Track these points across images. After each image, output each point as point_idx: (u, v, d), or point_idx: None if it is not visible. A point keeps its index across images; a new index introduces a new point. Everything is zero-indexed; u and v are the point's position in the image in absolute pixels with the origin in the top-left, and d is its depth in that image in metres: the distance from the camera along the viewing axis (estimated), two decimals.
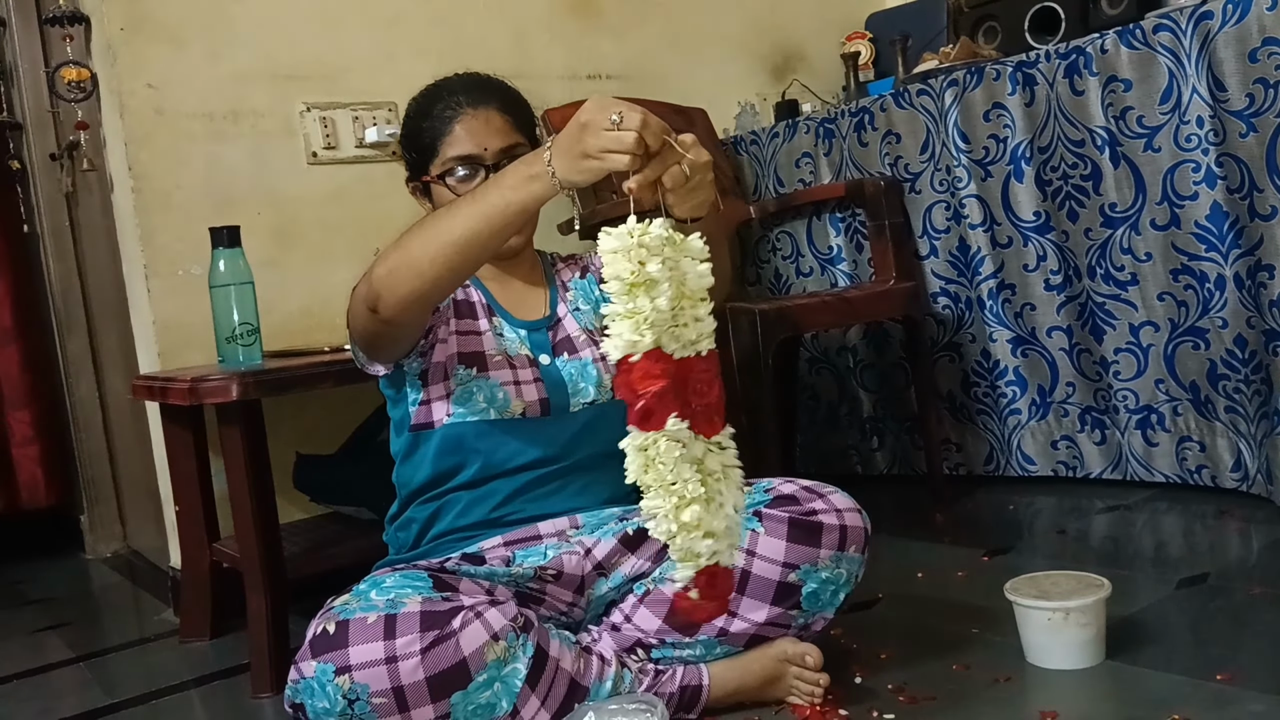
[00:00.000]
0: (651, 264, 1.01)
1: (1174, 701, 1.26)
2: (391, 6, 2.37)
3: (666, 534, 1.04)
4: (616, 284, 1.02)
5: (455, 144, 1.40)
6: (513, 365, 1.41)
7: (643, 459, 1.03)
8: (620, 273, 1.01)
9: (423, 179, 1.45)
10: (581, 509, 1.41)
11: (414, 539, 1.44)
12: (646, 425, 1.03)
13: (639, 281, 1.01)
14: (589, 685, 1.28)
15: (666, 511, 1.03)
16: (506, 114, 1.43)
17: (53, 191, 2.69)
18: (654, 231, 1.01)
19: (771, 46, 3.02)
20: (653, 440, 1.03)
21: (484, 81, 1.46)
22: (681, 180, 1.08)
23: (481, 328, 1.43)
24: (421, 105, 1.45)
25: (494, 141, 1.40)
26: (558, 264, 1.56)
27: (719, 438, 1.07)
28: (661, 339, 1.02)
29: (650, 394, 1.02)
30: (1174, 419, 2.13)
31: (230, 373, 1.69)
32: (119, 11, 2.06)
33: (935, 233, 2.40)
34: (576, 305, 1.51)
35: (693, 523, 1.03)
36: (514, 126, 1.43)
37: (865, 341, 2.59)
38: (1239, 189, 1.92)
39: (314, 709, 1.19)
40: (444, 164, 1.41)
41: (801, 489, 1.41)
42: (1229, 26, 1.87)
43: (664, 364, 1.02)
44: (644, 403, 1.02)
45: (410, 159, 1.48)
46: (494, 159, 1.39)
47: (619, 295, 1.02)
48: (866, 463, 2.65)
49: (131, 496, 2.69)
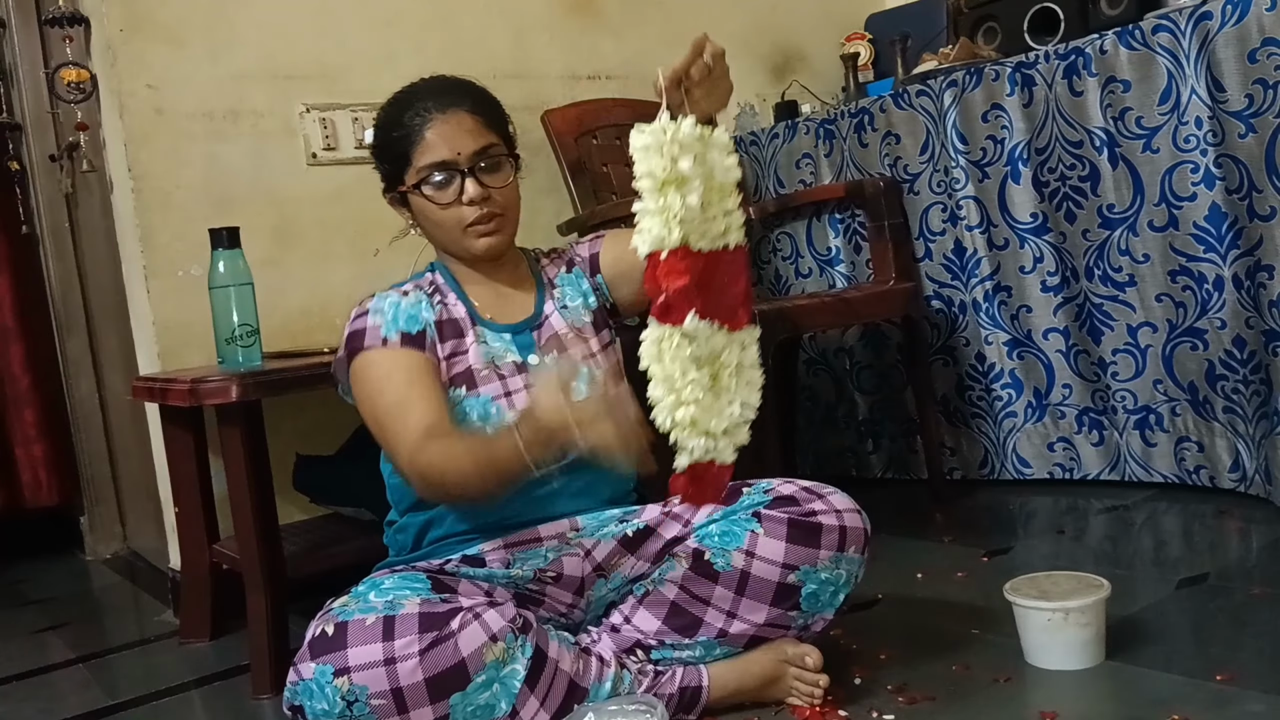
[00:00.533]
0: (683, 160, 1.03)
1: (1174, 701, 1.26)
2: (391, 6, 2.37)
3: (663, 426, 1.07)
4: (648, 180, 1.04)
5: (428, 151, 1.37)
6: (501, 376, 1.39)
7: (656, 350, 1.07)
8: (653, 169, 1.03)
9: (399, 190, 1.42)
10: (582, 511, 1.41)
11: (413, 542, 1.44)
12: (666, 319, 1.06)
13: (671, 178, 1.03)
14: (588, 686, 1.28)
15: (666, 406, 1.07)
16: (477, 115, 1.40)
17: (52, 192, 2.69)
18: (685, 128, 1.03)
19: (771, 47, 3.02)
20: (668, 334, 1.06)
21: (451, 84, 1.43)
22: (705, 73, 1.11)
23: (467, 343, 1.40)
24: (390, 115, 1.42)
25: (467, 144, 1.37)
26: (542, 260, 1.54)
27: (743, 334, 1.09)
28: (689, 237, 1.04)
29: (673, 289, 1.05)
30: (1172, 419, 2.13)
31: (230, 373, 1.69)
32: (119, 12, 2.06)
33: (931, 235, 2.40)
34: (564, 303, 1.48)
35: (685, 422, 1.06)
36: (486, 126, 1.40)
37: (862, 343, 2.59)
38: (1238, 190, 1.92)
39: (313, 711, 1.19)
40: (419, 172, 1.38)
41: (801, 490, 1.41)
42: (1228, 27, 1.87)
43: (689, 261, 1.06)
44: (666, 297, 1.05)
45: (384, 170, 1.44)
46: (468, 162, 1.37)
47: (650, 192, 1.04)
48: (862, 465, 2.64)
49: (131, 497, 2.69)
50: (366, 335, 1.36)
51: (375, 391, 1.34)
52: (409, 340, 1.36)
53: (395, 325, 1.36)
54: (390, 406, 1.32)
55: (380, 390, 1.33)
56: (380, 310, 1.38)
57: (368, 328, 1.36)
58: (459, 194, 1.37)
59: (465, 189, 1.37)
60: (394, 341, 1.35)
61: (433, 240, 1.45)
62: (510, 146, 1.44)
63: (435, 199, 1.38)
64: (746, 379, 1.10)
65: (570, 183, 2.41)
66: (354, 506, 2.03)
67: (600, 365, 1.43)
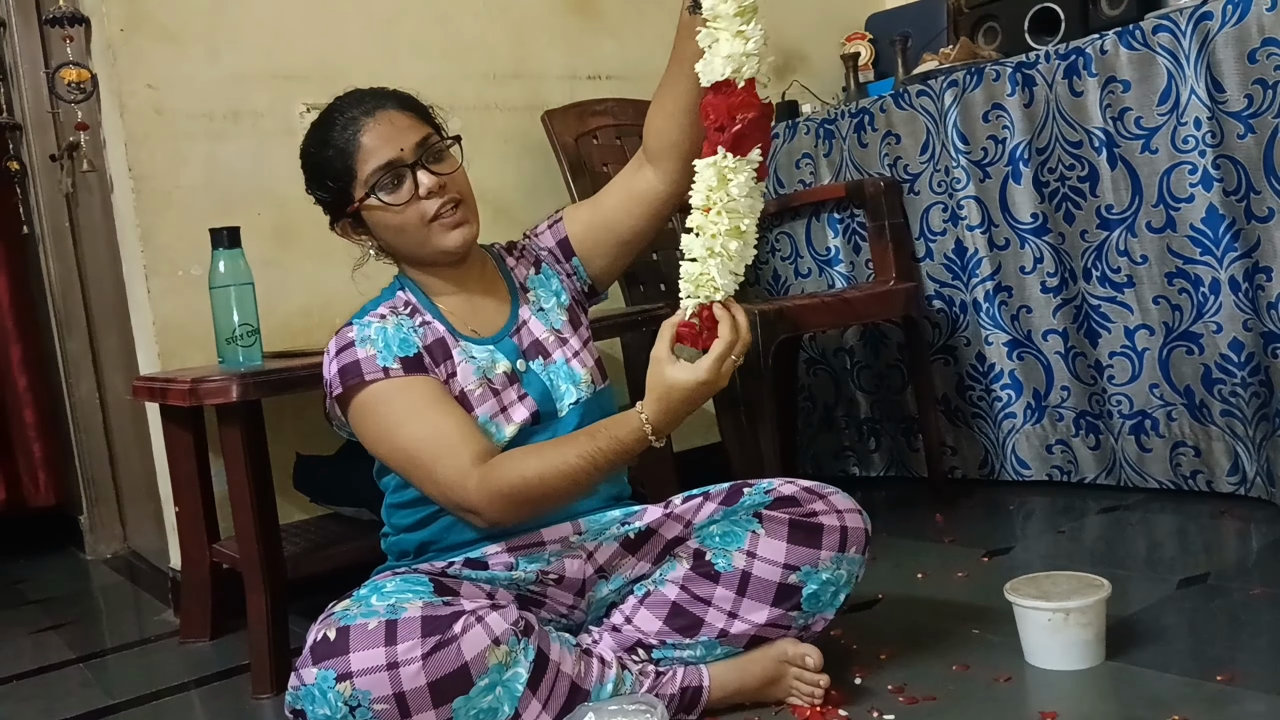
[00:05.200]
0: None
1: (1174, 702, 1.26)
2: (391, 6, 2.37)
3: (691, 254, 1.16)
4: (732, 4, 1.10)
5: (370, 157, 1.31)
6: (495, 391, 1.36)
7: (717, 175, 1.14)
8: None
9: (349, 210, 1.35)
10: (584, 512, 1.40)
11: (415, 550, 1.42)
12: (737, 149, 1.13)
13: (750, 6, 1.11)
14: (590, 688, 1.28)
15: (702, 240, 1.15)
16: (405, 111, 1.35)
17: (53, 192, 2.69)
18: None
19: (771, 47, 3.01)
20: (737, 163, 1.14)
21: (367, 92, 1.38)
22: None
23: (456, 361, 1.36)
24: (317, 137, 1.36)
25: (407, 139, 1.32)
26: (508, 259, 1.49)
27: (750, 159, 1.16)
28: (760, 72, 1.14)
29: (748, 119, 1.13)
30: (1168, 424, 2.12)
31: (230, 373, 1.69)
32: (119, 12, 2.06)
33: (931, 235, 2.41)
34: (540, 306, 1.45)
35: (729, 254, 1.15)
36: (418, 120, 1.36)
37: (862, 343, 2.59)
38: (1236, 191, 1.92)
39: (315, 716, 1.18)
40: (366, 182, 1.32)
41: (802, 490, 1.41)
42: (1228, 27, 1.87)
43: (757, 97, 1.14)
44: (740, 127, 1.13)
45: (326, 199, 1.38)
46: (413, 155, 1.32)
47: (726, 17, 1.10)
48: (863, 464, 2.65)
49: (131, 497, 2.69)
50: (363, 367, 1.30)
51: (394, 425, 1.28)
52: (410, 365, 1.31)
53: (391, 352, 1.31)
54: (422, 439, 1.27)
55: (400, 422, 1.28)
56: (369, 339, 1.32)
57: (360, 359, 1.30)
58: (414, 190, 1.32)
59: (420, 181, 1.32)
60: (396, 370, 1.30)
61: (397, 254, 1.40)
62: (437, 128, 1.39)
63: (391, 202, 1.32)
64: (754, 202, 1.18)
65: (570, 183, 2.41)
66: (354, 506, 2.03)
67: (585, 364, 1.42)
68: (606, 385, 1.46)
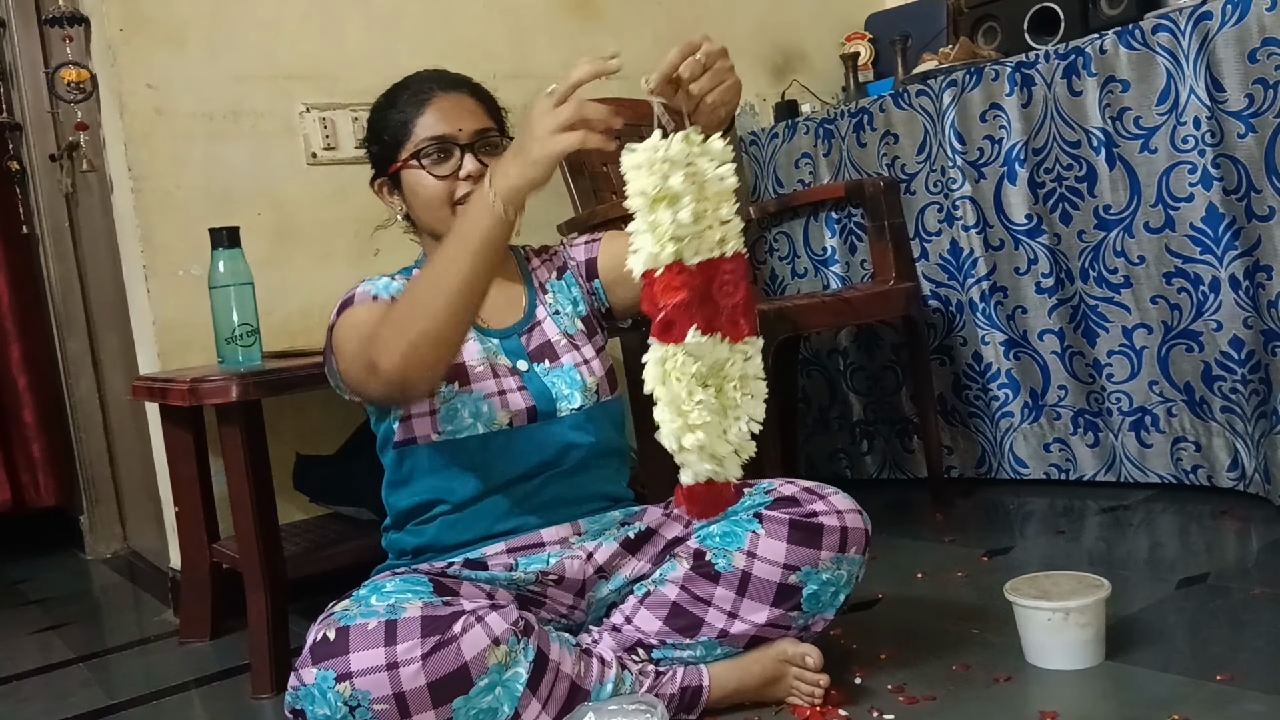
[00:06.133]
0: (674, 177, 1.03)
1: (1174, 701, 1.26)
2: (391, 6, 2.37)
3: (670, 448, 1.06)
4: (640, 199, 1.04)
5: (428, 126, 1.36)
6: (496, 374, 1.38)
7: (660, 371, 1.05)
8: (644, 187, 1.03)
9: (391, 168, 1.39)
10: (584, 514, 1.40)
11: (414, 551, 1.43)
12: (667, 337, 1.04)
13: (661, 195, 1.03)
14: (590, 688, 1.28)
15: (674, 430, 1.05)
16: (478, 100, 1.41)
17: (52, 192, 2.69)
18: (676, 146, 1.04)
19: (771, 46, 3.02)
20: (672, 353, 1.04)
21: (452, 74, 1.44)
22: (700, 70, 1.11)
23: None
24: (388, 98, 1.42)
25: (468, 123, 1.36)
26: (532, 260, 1.52)
27: (745, 345, 1.08)
28: (684, 252, 1.04)
29: (671, 306, 1.04)
30: (1168, 420, 2.13)
31: (230, 373, 1.69)
32: (119, 12, 2.06)
33: (927, 235, 2.41)
34: (556, 309, 1.46)
35: (694, 448, 1.05)
36: (486, 113, 1.40)
37: (856, 344, 2.59)
38: (1236, 190, 1.92)
39: (315, 716, 1.18)
40: (417, 144, 1.36)
41: (802, 490, 1.41)
42: (1228, 27, 1.87)
43: (685, 276, 1.04)
44: (665, 314, 1.04)
45: (375, 152, 1.43)
46: (469, 139, 1.36)
47: (642, 210, 1.04)
48: (856, 466, 2.64)
49: (131, 497, 2.69)
50: (356, 298, 1.35)
51: (354, 329, 1.29)
52: None
53: (387, 291, 1.35)
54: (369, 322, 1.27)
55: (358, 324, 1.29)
56: (372, 281, 1.38)
57: (356, 293, 1.36)
58: (456, 168, 1.36)
59: (464, 163, 1.36)
60: (384, 299, 1.34)
61: (420, 224, 1.43)
62: (502, 127, 1.42)
63: (431, 170, 1.36)
64: (751, 391, 1.09)
65: (570, 183, 2.41)
66: (354, 506, 2.03)
67: (594, 373, 1.43)
68: (615, 396, 1.46)
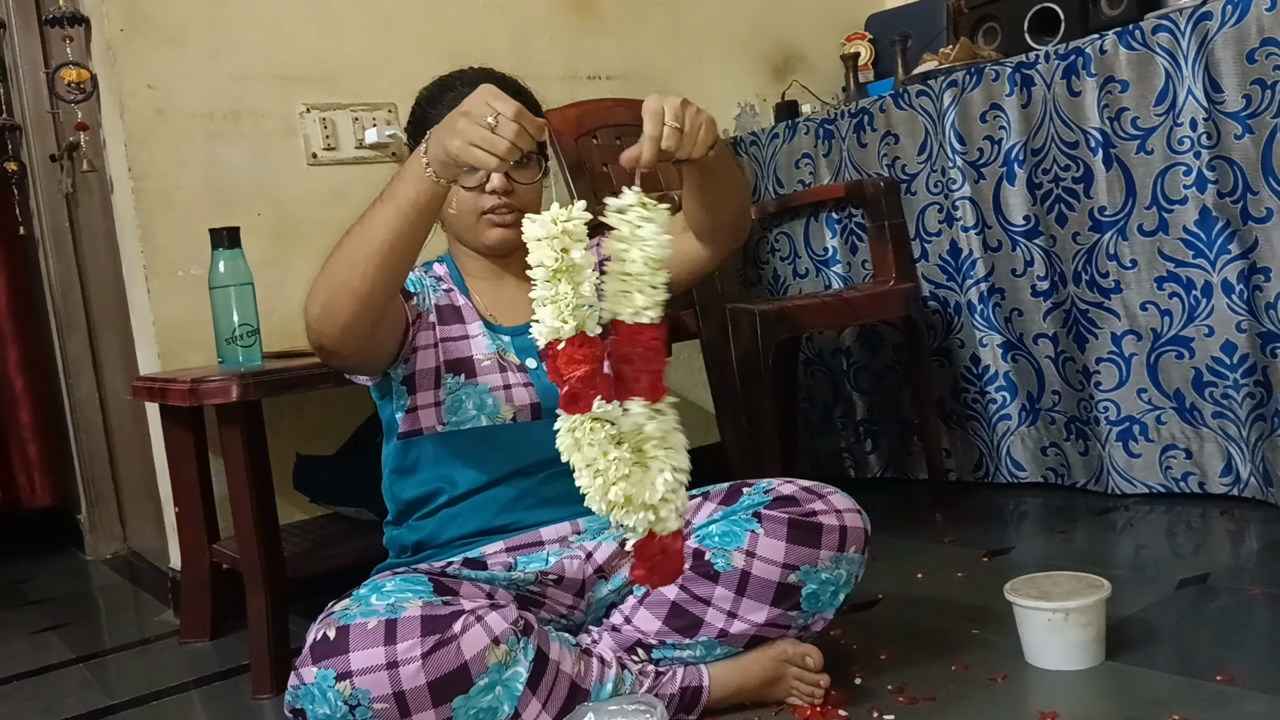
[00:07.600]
0: (575, 250, 1.04)
1: (1174, 702, 1.26)
2: (391, 6, 2.37)
3: (599, 511, 1.08)
4: (541, 271, 1.05)
5: None
6: (503, 368, 1.40)
7: (571, 440, 1.07)
8: (544, 259, 1.05)
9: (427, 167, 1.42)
10: (584, 513, 1.40)
11: (413, 547, 1.43)
12: (573, 409, 1.06)
13: (562, 268, 1.03)
14: (589, 688, 1.28)
15: (597, 490, 1.07)
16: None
17: (53, 192, 2.69)
18: (576, 218, 1.05)
19: (771, 47, 3.02)
20: (580, 422, 1.06)
21: (499, 76, 1.44)
22: (677, 136, 1.13)
23: (472, 331, 1.42)
24: (432, 93, 1.45)
25: None
26: None
27: (660, 405, 1.10)
28: (586, 323, 1.06)
29: (575, 378, 1.06)
30: (1157, 428, 2.11)
31: (230, 373, 1.69)
32: (119, 12, 2.06)
33: (927, 235, 2.41)
34: None
35: (619, 501, 1.07)
36: None
37: (860, 344, 2.59)
38: (1231, 192, 1.92)
39: (315, 715, 1.18)
40: None
41: (801, 490, 1.41)
42: (1228, 27, 1.87)
43: (588, 348, 1.06)
44: (569, 387, 1.06)
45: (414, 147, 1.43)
46: None
47: (543, 282, 1.05)
48: (860, 465, 2.64)
49: (131, 497, 2.69)
50: None
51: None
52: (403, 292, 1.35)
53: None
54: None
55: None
56: None
57: None
58: (484, 180, 1.38)
59: (491, 178, 1.38)
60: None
61: (446, 225, 1.46)
62: (541, 148, 1.43)
63: (460, 181, 1.36)
64: (671, 444, 1.10)
65: (570, 183, 2.41)
66: (354, 506, 2.03)
67: None
68: None
